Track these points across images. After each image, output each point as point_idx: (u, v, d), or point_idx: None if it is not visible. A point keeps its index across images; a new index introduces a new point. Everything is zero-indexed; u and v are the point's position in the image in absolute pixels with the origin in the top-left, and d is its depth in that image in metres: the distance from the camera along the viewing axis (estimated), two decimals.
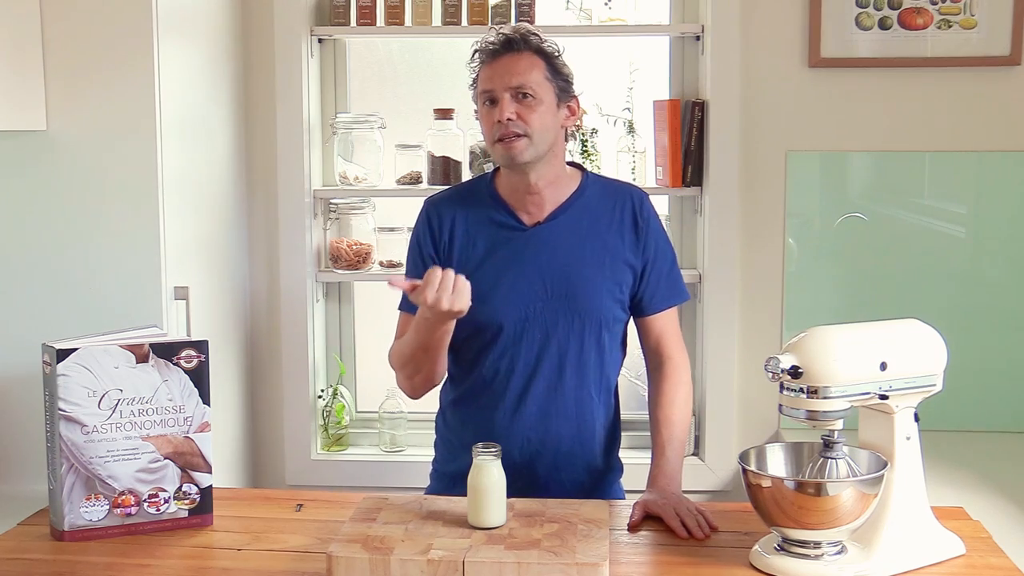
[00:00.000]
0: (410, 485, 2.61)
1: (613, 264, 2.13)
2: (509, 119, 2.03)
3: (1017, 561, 1.80)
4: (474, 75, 2.13)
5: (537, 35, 2.10)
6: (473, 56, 2.12)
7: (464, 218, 2.15)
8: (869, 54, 2.94)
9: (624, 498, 2.23)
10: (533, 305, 2.10)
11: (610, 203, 2.17)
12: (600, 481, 2.20)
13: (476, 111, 2.15)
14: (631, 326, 2.24)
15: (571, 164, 2.22)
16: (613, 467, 2.25)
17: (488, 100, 2.08)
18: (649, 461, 3.12)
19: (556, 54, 2.11)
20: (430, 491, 2.28)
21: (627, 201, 2.17)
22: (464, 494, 1.84)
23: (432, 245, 2.17)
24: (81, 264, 2.41)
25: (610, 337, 2.15)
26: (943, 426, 2.89)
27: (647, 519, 1.98)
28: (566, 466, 2.15)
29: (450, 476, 2.21)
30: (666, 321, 2.20)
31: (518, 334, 2.11)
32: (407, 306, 2.19)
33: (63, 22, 2.37)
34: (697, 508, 1.96)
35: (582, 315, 2.11)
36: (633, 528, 1.95)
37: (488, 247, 2.13)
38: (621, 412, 2.29)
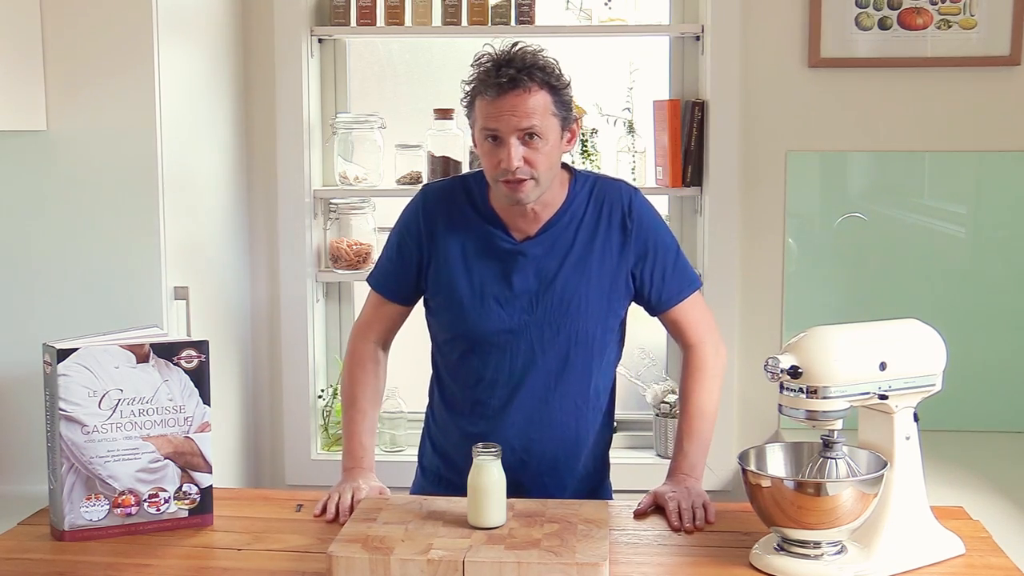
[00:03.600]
0: (410, 485, 2.61)
1: (600, 275, 2.08)
2: (517, 166, 1.96)
3: (1017, 561, 1.80)
4: (469, 98, 2.03)
5: (541, 69, 1.96)
6: (472, 82, 2.01)
7: (456, 222, 2.11)
8: (869, 54, 2.94)
9: (612, 498, 2.22)
10: (519, 319, 2.07)
11: (597, 208, 2.10)
12: (586, 484, 2.18)
13: (472, 137, 2.07)
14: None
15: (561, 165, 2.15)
16: (601, 470, 2.23)
17: (491, 137, 1.99)
18: (649, 460, 3.13)
19: (560, 84, 1.99)
20: (415, 489, 2.27)
21: (616, 203, 2.11)
22: (442, 491, 1.83)
23: (416, 239, 2.13)
24: (81, 264, 2.41)
25: (599, 348, 2.11)
26: (943, 426, 2.88)
27: (656, 511, 2.00)
28: (550, 473, 2.13)
29: (433, 472, 2.22)
30: (682, 311, 2.14)
31: (501, 346, 2.08)
32: (375, 283, 2.21)
33: (63, 22, 2.37)
34: (704, 503, 1.98)
35: (568, 330, 2.07)
36: (638, 515, 1.98)
37: (476, 257, 2.09)
38: (617, 413, 2.27)
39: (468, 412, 2.14)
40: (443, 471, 2.19)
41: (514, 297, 2.07)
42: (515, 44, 2.01)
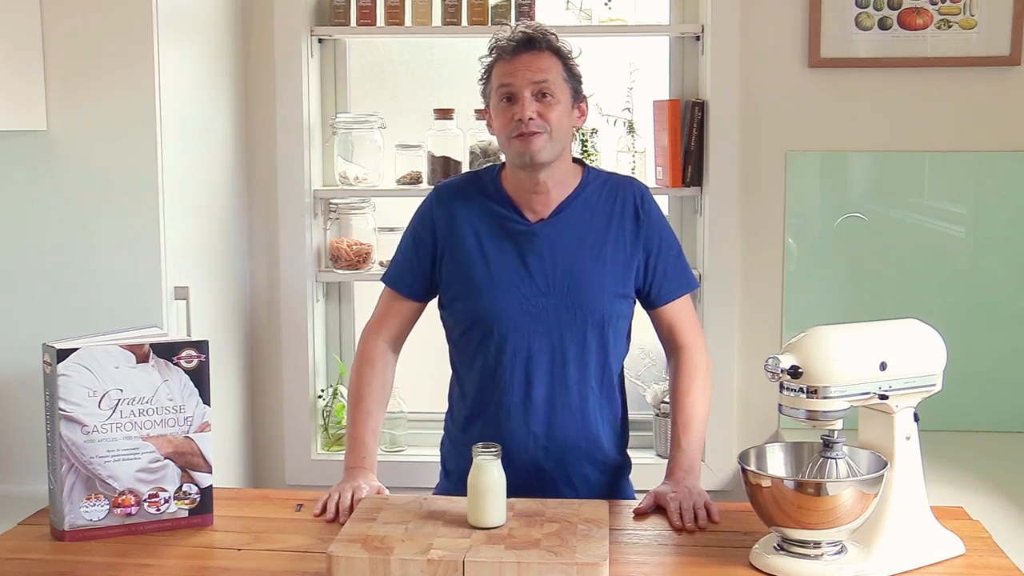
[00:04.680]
0: (410, 485, 2.61)
1: (615, 259, 2.13)
2: (531, 117, 2.04)
3: (1017, 561, 1.80)
4: (486, 71, 2.12)
5: (555, 35, 2.10)
6: (491, 51, 2.11)
7: (469, 211, 2.16)
8: (869, 54, 2.94)
9: (634, 497, 2.23)
10: (535, 300, 2.10)
11: (611, 198, 2.17)
12: (608, 477, 2.20)
13: (485, 109, 2.15)
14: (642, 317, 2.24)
15: (572, 160, 2.21)
16: (621, 463, 2.25)
17: (506, 96, 2.07)
18: (650, 460, 3.14)
19: (570, 55, 2.12)
20: (439, 490, 2.28)
21: (628, 195, 2.18)
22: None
23: (431, 232, 2.17)
24: (81, 264, 2.41)
25: (614, 332, 2.15)
26: (943, 426, 2.89)
27: (657, 511, 2.01)
28: (573, 462, 2.15)
29: (459, 474, 2.22)
30: (676, 310, 2.19)
31: (518, 329, 2.11)
32: (390, 279, 2.23)
33: (63, 22, 2.37)
34: (706, 503, 1.98)
35: (584, 312, 2.11)
36: (640, 515, 1.98)
37: (491, 242, 2.13)
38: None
39: (488, 402, 2.15)
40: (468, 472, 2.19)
41: (530, 278, 2.11)
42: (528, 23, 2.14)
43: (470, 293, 2.13)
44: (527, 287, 2.11)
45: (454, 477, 2.24)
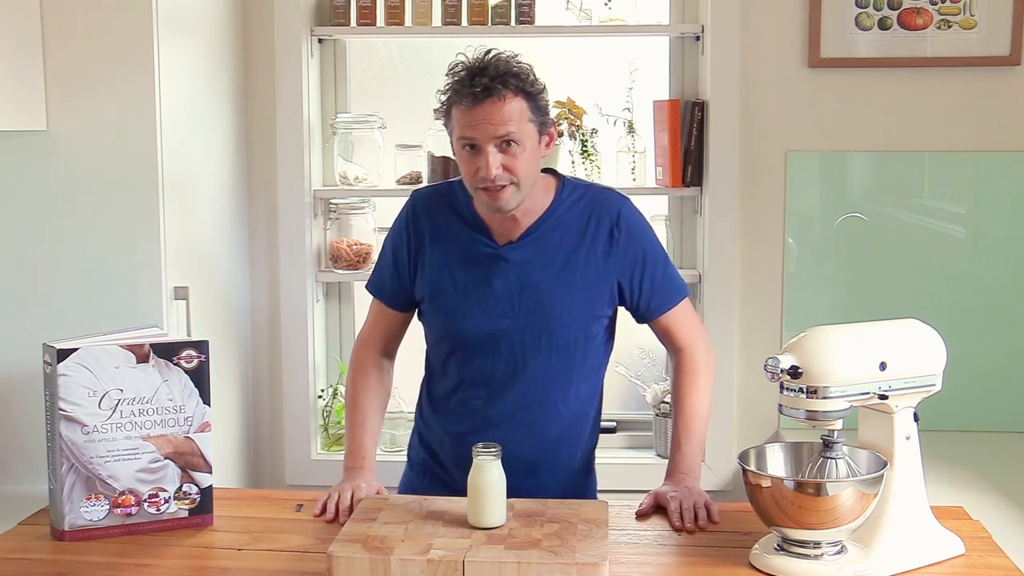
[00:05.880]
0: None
1: (584, 282, 2.08)
2: (496, 173, 1.95)
3: (1017, 561, 1.81)
4: (445, 106, 2.01)
5: (516, 74, 1.96)
6: (447, 95, 1.99)
7: (440, 229, 2.13)
8: (869, 54, 2.94)
9: (596, 498, 2.22)
10: (500, 322, 2.07)
11: (584, 216, 2.10)
12: (568, 487, 2.16)
13: (451, 145, 2.05)
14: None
15: (546, 171, 2.13)
16: (585, 473, 2.22)
17: (468, 146, 1.97)
18: (650, 460, 3.13)
19: (535, 90, 1.99)
20: (403, 483, 2.28)
21: (604, 213, 2.10)
22: (428, 483, 1.83)
23: (406, 246, 2.15)
24: (81, 264, 2.41)
25: (582, 353, 2.11)
26: (943, 426, 2.88)
27: (657, 511, 2.00)
28: (530, 476, 2.10)
29: (420, 464, 2.23)
30: (671, 318, 2.15)
31: (483, 349, 2.09)
32: (374, 289, 2.22)
33: (63, 22, 2.37)
34: (706, 503, 1.98)
35: (549, 333, 2.08)
36: (640, 516, 1.98)
37: (459, 263, 2.10)
38: (616, 413, 2.27)
39: (451, 411, 2.16)
40: (430, 465, 2.21)
41: (496, 301, 2.08)
42: (488, 52, 2.00)
43: (438, 310, 2.12)
44: (492, 309, 2.08)
45: (416, 467, 2.25)
